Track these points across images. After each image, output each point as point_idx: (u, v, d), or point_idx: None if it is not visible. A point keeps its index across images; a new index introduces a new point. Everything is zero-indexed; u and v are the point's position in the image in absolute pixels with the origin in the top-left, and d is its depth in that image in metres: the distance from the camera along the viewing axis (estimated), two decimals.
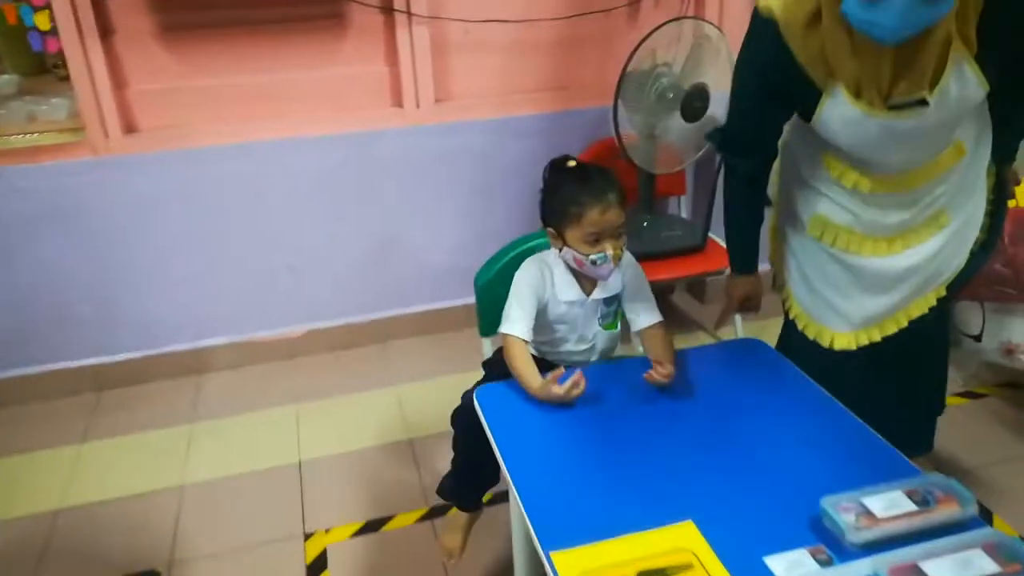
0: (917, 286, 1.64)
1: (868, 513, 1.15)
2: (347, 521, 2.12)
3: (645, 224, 2.69)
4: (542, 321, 1.71)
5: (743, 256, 1.81)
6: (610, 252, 1.58)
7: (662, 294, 3.12)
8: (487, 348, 2.02)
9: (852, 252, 1.61)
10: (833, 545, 1.14)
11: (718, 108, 2.55)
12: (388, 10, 2.61)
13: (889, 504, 1.16)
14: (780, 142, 1.70)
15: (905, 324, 1.68)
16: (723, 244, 2.73)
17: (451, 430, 1.89)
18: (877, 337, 1.68)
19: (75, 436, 2.52)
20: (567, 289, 1.69)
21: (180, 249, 2.65)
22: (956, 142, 1.52)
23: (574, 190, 1.60)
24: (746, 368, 1.61)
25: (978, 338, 2.12)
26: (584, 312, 1.71)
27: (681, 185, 2.93)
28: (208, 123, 2.61)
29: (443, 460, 2.30)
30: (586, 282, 1.71)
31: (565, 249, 1.65)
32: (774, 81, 1.48)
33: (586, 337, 1.75)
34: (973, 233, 1.66)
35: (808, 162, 1.63)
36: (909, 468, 1.30)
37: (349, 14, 2.62)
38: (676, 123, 2.50)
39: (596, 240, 1.58)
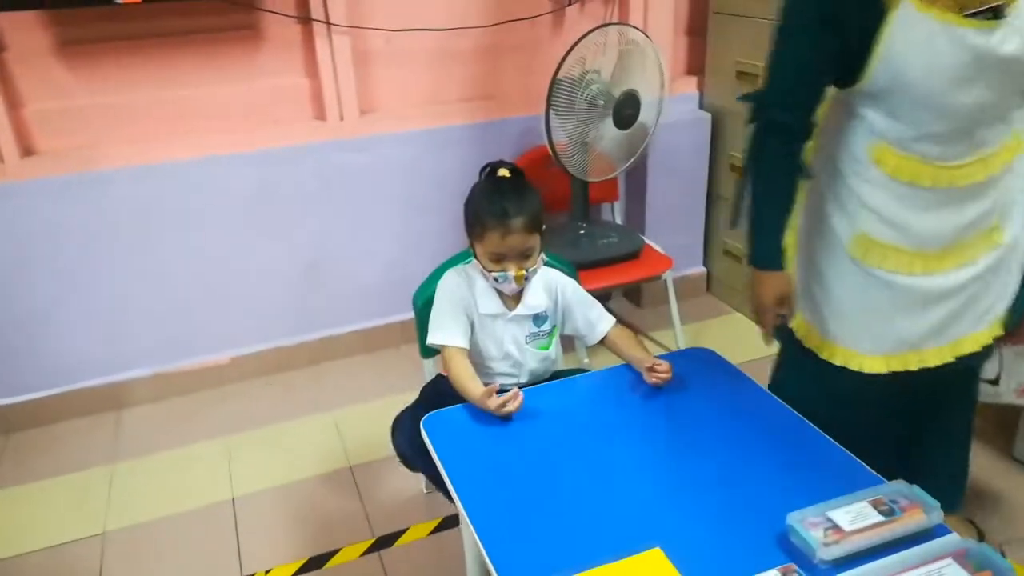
0: (958, 309, 1.50)
1: (835, 527, 1.13)
2: (288, 559, 2.00)
3: (581, 232, 2.66)
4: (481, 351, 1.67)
5: (774, 244, 1.49)
6: (511, 273, 1.58)
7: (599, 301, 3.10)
8: (428, 369, 1.95)
9: (899, 272, 1.46)
10: (804, 563, 1.11)
11: (648, 115, 2.55)
12: (305, 20, 2.50)
13: (855, 516, 1.14)
14: (815, 148, 1.50)
15: (951, 359, 1.52)
16: (659, 249, 2.75)
17: (393, 453, 1.86)
18: (914, 365, 1.52)
19: None
20: (488, 301, 1.67)
21: (88, 278, 2.47)
22: (1014, 133, 1.41)
23: (481, 207, 1.60)
24: (700, 381, 1.58)
25: (995, 382, 1.96)
26: (507, 327, 1.68)
27: (614, 191, 2.92)
28: (115, 143, 2.44)
29: (386, 486, 2.23)
30: (508, 296, 1.68)
31: (474, 260, 1.66)
32: (830, 4, 1.32)
33: (511, 355, 1.70)
34: (1021, 257, 1.53)
35: (853, 165, 1.44)
36: (870, 476, 1.29)
37: (263, 25, 2.49)
38: (608, 130, 2.48)
39: (498, 260, 1.58)
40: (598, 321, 1.73)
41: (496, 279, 1.60)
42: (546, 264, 1.71)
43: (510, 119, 2.76)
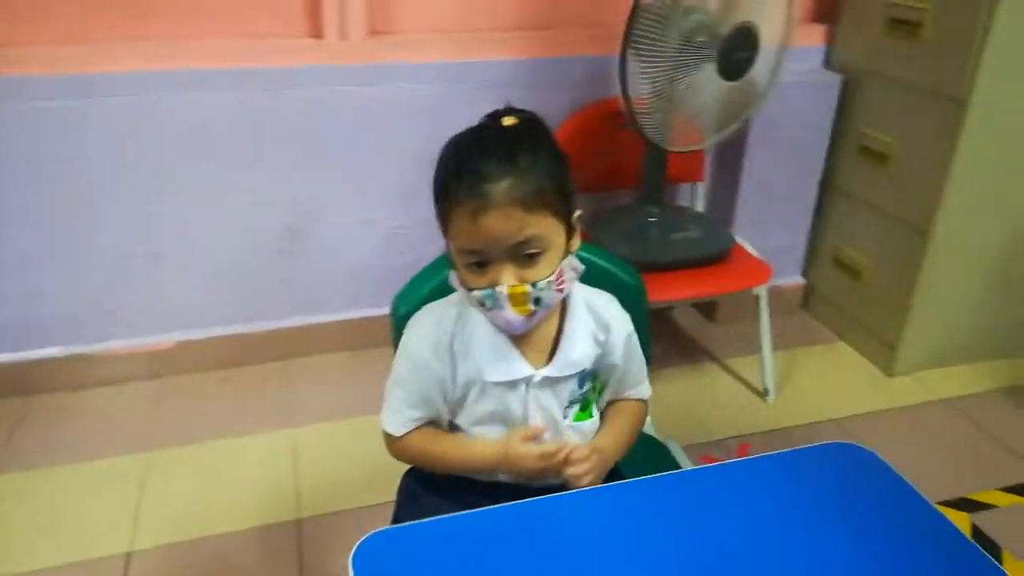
0: None
1: None
2: None
3: (652, 220, 1.95)
4: (454, 419, 1.01)
5: None
6: (503, 289, 0.88)
7: (660, 310, 2.40)
8: None
9: None
10: None
11: (763, 66, 1.81)
12: None
13: None
14: None
15: None
16: (753, 252, 2.03)
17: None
18: None
19: None
20: (497, 360, 0.96)
21: None
22: None
23: (446, 170, 0.92)
24: (845, 503, 0.88)
25: None
26: (536, 397, 0.98)
27: (699, 169, 2.19)
28: (36, 43, 1.80)
29: (341, 560, 1.57)
30: (532, 343, 0.98)
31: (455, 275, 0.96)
32: None
33: (541, 439, 1.00)
34: None
35: None
36: None
37: None
38: (709, 81, 1.76)
39: (479, 264, 0.89)
40: (630, 385, 1.07)
41: (482, 303, 0.91)
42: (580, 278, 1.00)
43: (572, 58, 2.05)
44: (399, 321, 1.22)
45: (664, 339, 2.37)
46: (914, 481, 0.91)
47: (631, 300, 1.18)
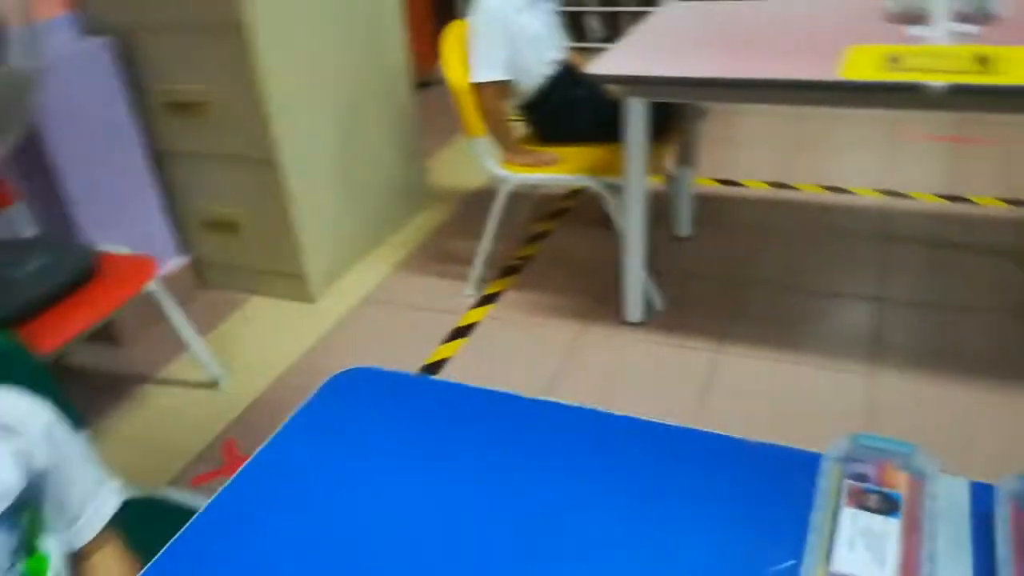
0: None
1: None
2: None
3: None
4: None
5: None
6: None
7: (52, 364, 1.97)
8: None
9: None
10: None
11: (23, 52, 1.51)
12: None
13: (861, 532, 0.61)
14: None
15: None
16: (123, 250, 1.79)
17: None
18: None
19: None
20: None
21: None
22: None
23: None
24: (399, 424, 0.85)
25: None
26: None
27: (5, 190, 1.78)
28: None
29: None
30: None
31: None
32: None
33: None
34: None
35: None
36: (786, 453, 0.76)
37: None
38: None
39: None
40: (83, 497, 0.80)
41: None
42: None
43: None
44: None
45: (74, 391, 1.98)
46: (391, 366, 0.94)
47: (18, 368, 0.91)
